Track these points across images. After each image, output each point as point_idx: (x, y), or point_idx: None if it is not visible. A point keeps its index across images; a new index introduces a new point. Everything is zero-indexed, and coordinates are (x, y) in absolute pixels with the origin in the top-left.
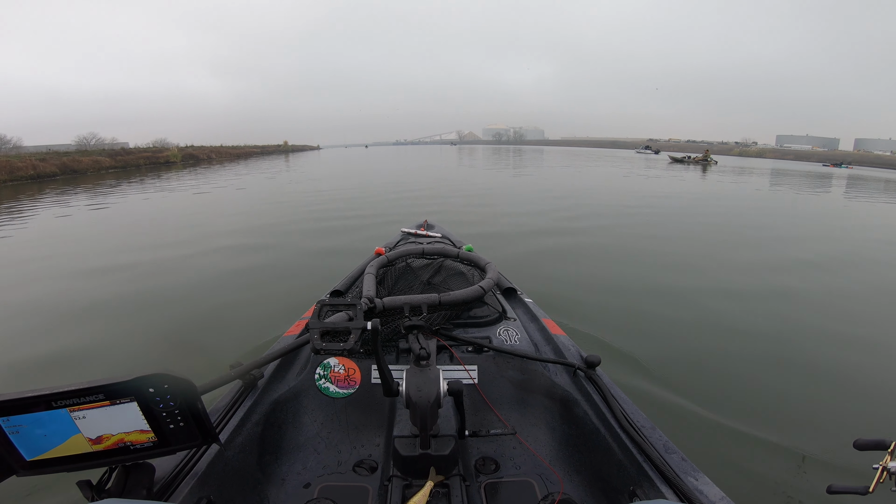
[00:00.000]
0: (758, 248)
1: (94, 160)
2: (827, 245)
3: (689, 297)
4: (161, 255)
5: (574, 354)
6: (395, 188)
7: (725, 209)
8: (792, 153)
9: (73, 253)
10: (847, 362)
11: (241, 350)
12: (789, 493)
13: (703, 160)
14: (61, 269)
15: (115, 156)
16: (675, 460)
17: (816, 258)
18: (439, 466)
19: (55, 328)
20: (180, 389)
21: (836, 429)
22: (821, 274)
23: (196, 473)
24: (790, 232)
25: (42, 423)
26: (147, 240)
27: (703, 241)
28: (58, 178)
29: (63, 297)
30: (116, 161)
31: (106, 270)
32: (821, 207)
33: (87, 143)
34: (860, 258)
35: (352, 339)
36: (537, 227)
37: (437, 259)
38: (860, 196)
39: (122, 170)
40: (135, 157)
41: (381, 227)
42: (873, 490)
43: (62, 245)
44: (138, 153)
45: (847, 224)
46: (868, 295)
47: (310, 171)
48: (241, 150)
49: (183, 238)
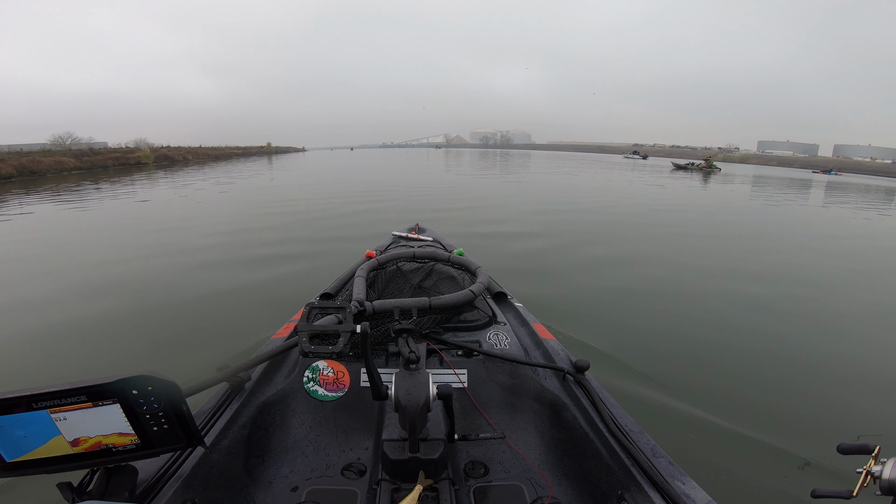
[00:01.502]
0: (761, 257)
1: (56, 161)
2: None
3: (678, 303)
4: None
5: (563, 359)
6: (362, 198)
7: (753, 228)
8: (775, 159)
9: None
10: (832, 368)
11: (228, 353)
12: (774, 496)
13: (707, 167)
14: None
15: (80, 156)
16: (663, 464)
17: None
18: (428, 470)
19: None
20: (164, 391)
21: (821, 433)
22: (809, 287)
23: (180, 476)
24: (779, 243)
25: (22, 424)
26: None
27: (695, 248)
28: (14, 180)
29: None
30: (82, 162)
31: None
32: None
33: (62, 143)
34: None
35: (341, 342)
36: (536, 235)
37: (427, 263)
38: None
39: (87, 171)
40: (103, 157)
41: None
42: (857, 494)
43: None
44: (107, 154)
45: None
46: (858, 305)
47: (269, 179)
48: (220, 152)
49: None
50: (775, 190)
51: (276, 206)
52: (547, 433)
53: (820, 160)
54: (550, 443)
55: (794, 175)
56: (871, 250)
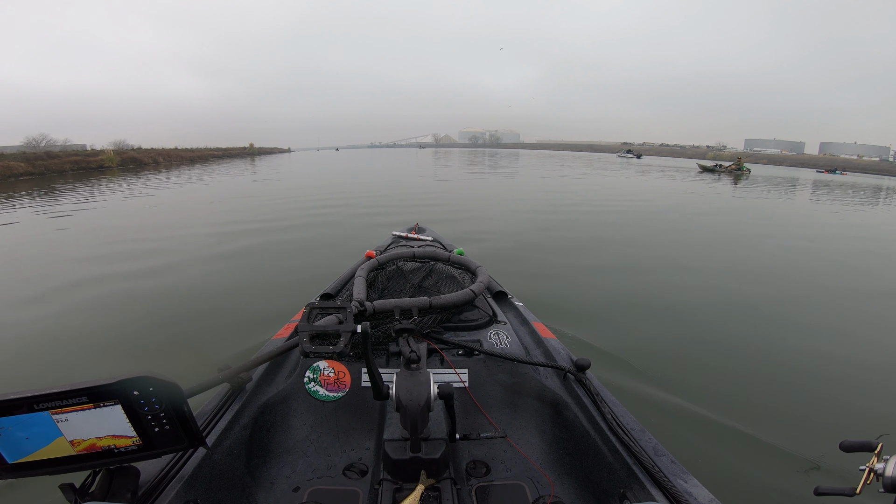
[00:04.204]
0: (770, 259)
1: (4, 166)
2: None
3: (679, 303)
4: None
5: (564, 358)
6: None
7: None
8: (764, 157)
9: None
10: (835, 365)
11: (228, 353)
12: (777, 494)
13: (737, 169)
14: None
15: (34, 160)
16: (665, 463)
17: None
18: (430, 470)
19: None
20: (166, 392)
21: (823, 431)
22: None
23: (182, 477)
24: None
25: (24, 425)
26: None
27: (695, 250)
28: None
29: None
30: (34, 167)
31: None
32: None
33: (36, 145)
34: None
35: (342, 342)
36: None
37: (427, 262)
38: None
39: (39, 177)
40: (59, 161)
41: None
42: (860, 491)
43: None
44: (64, 157)
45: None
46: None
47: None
48: (197, 154)
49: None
50: (838, 196)
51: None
52: (548, 432)
53: (808, 157)
54: (552, 442)
55: (805, 176)
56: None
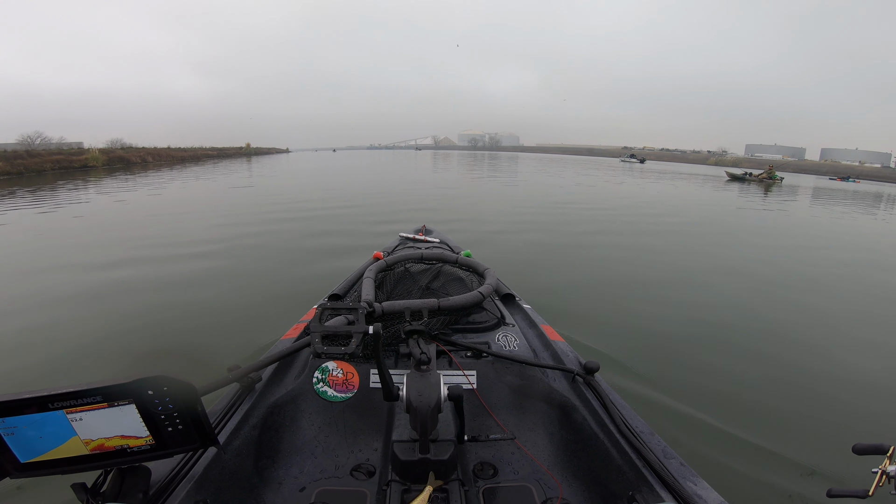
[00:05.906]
0: (770, 265)
1: None
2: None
3: (688, 306)
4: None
5: (572, 360)
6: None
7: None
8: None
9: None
10: (846, 368)
11: (239, 353)
12: (789, 497)
13: (768, 177)
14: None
15: (12, 159)
16: (674, 465)
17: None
18: (438, 471)
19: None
20: (180, 392)
21: (836, 433)
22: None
23: (193, 477)
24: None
25: (38, 424)
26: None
27: (702, 253)
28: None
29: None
30: (13, 165)
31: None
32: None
33: (30, 143)
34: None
35: (353, 342)
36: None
37: (435, 264)
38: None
39: (17, 177)
40: (40, 160)
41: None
42: (873, 493)
43: None
44: (46, 156)
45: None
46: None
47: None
48: (189, 153)
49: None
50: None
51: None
52: (556, 434)
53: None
54: (560, 444)
55: (824, 184)
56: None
